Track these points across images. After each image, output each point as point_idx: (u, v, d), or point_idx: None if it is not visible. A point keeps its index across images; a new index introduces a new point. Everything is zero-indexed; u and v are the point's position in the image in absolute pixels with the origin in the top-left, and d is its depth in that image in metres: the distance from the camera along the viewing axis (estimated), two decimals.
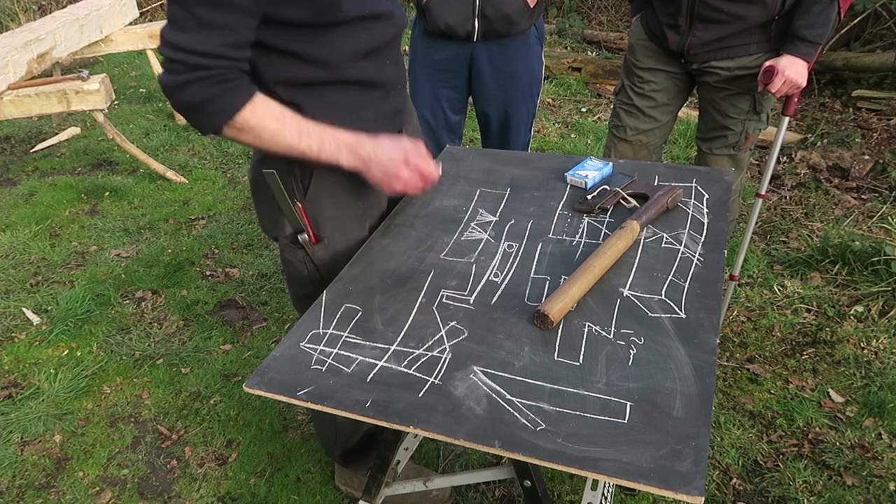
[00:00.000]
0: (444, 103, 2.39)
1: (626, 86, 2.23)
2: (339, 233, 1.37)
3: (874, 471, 1.86)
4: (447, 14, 2.15)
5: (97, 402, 2.20)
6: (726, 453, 1.95)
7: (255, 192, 1.39)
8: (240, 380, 2.26)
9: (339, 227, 1.37)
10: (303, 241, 1.35)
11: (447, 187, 1.64)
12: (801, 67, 1.87)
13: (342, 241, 1.38)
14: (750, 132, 2.11)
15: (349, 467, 1.81)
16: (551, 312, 1.13)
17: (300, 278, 1.40)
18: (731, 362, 2.28)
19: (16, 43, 3.37)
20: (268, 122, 1.17)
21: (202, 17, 1.06)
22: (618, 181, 1.58)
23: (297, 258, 1.38)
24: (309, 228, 1.34)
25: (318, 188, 1.31)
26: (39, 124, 4.48)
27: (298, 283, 1.42)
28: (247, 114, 1.14)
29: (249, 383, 1.07)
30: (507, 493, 1.84)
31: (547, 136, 4.05)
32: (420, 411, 1.00)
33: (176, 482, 1.92)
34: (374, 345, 1.13)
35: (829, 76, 4.46)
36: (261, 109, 1.15)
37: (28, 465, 1.97)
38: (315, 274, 1.39)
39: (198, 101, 1.12)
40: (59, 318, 2.53)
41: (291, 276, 1.43)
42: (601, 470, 0.89)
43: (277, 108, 1.18)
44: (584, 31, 5.76)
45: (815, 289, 2.60)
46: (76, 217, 3.32)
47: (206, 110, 1.12)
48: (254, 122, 1.15)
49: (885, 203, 3.11)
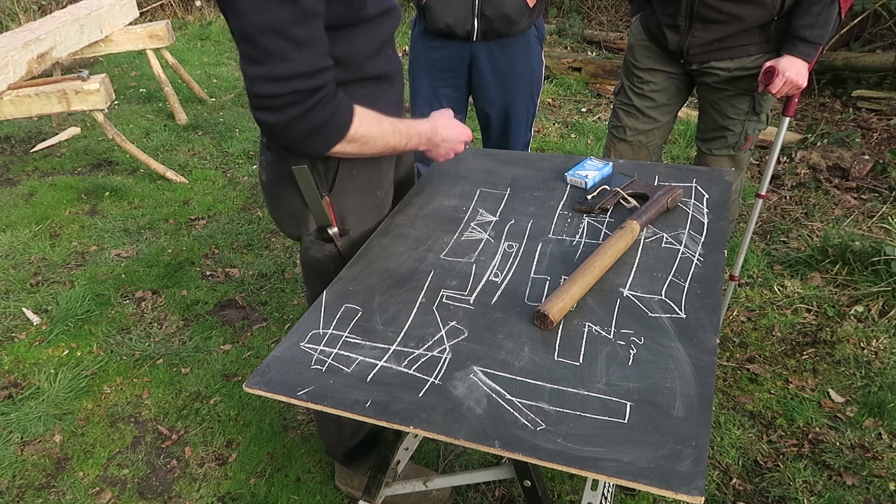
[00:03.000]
0: (444, 103, 2.39)
1: (626, 86, 2.23)
2: (361, 223, 1.40)
3: (874, 471, 1.86)
4: (447, 13, 2.15)
5: (97, 402, 2.20)
6: (726, 453, 1.95)
7: (273, 192, 1.38)
8: (240, 380, 2.26)
9: (362, 219, 1.40)
10: (333, 235, 1.36)
11: (447, 187, 1.64)
12: (802, 68, 1.87)
13: (363, 232, 1.42)
14: (750, 132, 2.11)
15: (350, 467, 1.81)
16: (551, 312, 1.13)
17: (325, 273, 1.39)
18: (731, 362, 2.28)
19: (16, 43, 3.37)
20: (372, 127, 1.20)
21: (299, 37, 1.05)
22: (618, 181, 1.58)
23: (325, 253, 1.39)
24: (335, 222, 1.35)
25: (342, 181, 1.33)
26: (39, 124, 4.48)
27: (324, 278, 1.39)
28: (356, 124, 1.17)
29: (249, 383, 1.07)
30: (507, 493, 1.84)
31: (547, 136, 4.05)
32: (420, 411, 1.00)
33: (176, 482, 1.92)
34: (374, 345, 1.13)
35: (829, 76, 4.46)
36: (363, 117, 1.19)
37: (28, 465, 1.97)
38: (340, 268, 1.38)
39: (316, 126, 1.11)
40: (59, 318, 2.53)
41: (316, 272, 1.43)
42: (601, 470, 0.89)
43: (371, 112, 1.21)
44: (584, 31, 5.76)
45: (815, 289, 2.60)
46: (76, 217, 3.32)
47: (324, 132, 1.13)
48: (362, 131, 1.18)
49: (885, 203, 3.11)
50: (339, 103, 1.14)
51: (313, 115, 1.10)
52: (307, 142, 1.14)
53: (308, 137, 1.13)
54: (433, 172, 1.73)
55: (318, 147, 1.16)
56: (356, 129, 1.17)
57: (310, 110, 1.09)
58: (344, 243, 1.39)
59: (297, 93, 1.07)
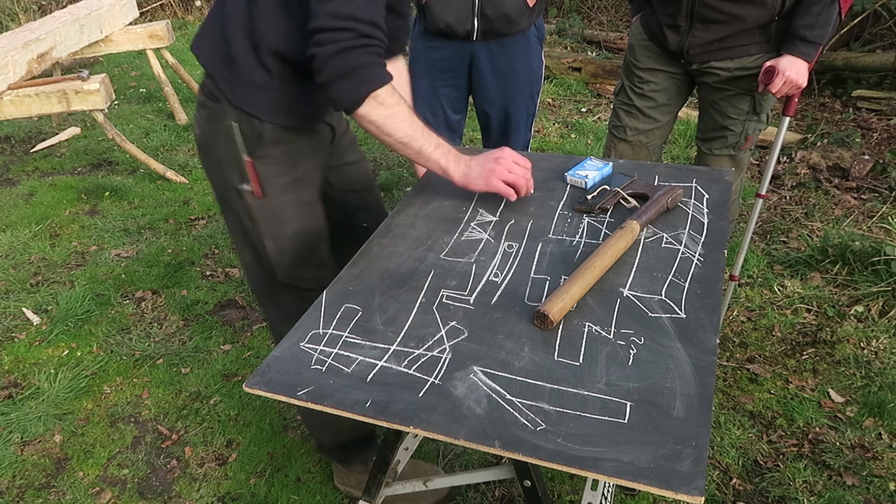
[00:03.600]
0: (444, 102, 2.39)
1: (626, 86, 2.23)
2: (279, 191, 1.49)
3: (874, 471, 1.86)
4: (447, 13, 2.15)
5: (97, 402, 2.20)
6: (726, 453, 1.95)
7: (204, 145, 1.52)
8: (240, 380, 2.26)
9: (280, 187, 1.49)
10: (243, 191, 1.48)
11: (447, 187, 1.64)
12: (802, 68, 1.87)
13: (282, 202, 1.51)
14: (750, 132, 2.11)
15: (344, 464, 1.83)
16: (551, 312, 1.13)
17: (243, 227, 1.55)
18: (731, 362, 2.28)
19: (16, 43, 3.38)
20: (402, 105, 1.29)
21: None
22: (618, 181, 1.58)
23: (238, 207, 1.52)
24: (255, 182, 1.46)
25: (264, 147, 1.44)
26: (39, 124, 4.48)
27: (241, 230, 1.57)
28: (389, 90, 1.26)
29: (249, 383, 1.07)
30: (507, 493, 1.84)
31: (547, 136, 4.05)
32: (420, 411, 1.00)
33: (176, 482, 1.92)
34: (374, 345, 1.13)
35: (829, 76, 4.46)
36: (398, 94, 1.28)
37: (28, 465, 1.97)
38: (256, 226, 1.52)
39: (357, 65, 1.21)
40: (59, 318, 2.53)
41: (232, 224, 1.58)
42: (601, 470, 0.89)
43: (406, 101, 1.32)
44: (584, 31, 5.75)
45: (815, 289, 2.60)
46: (76, 217, 3.32)
47: (361, 76, 1.23)
48: (391, 101, 1.27)
49: (885, 203, 3.11)
50: (381, 64, 1.25)
51: (355, 56, 1.21)
52: (342, 81, 1.23)
53: (344, 77, 1.22)
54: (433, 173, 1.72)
55: (351, 91, 1.24)
56: (389, 94, 1.26)
57: (353, 49, 1.20)
58: (258, 204, 1.49)
59: (349, 31, 1.19)
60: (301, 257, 1.59)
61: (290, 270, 1.59)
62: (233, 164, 1.46)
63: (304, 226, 1.57)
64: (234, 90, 1.40)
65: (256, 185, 1.46)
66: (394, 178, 3.51)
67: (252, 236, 1.55)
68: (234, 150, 1.43)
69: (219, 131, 1.44)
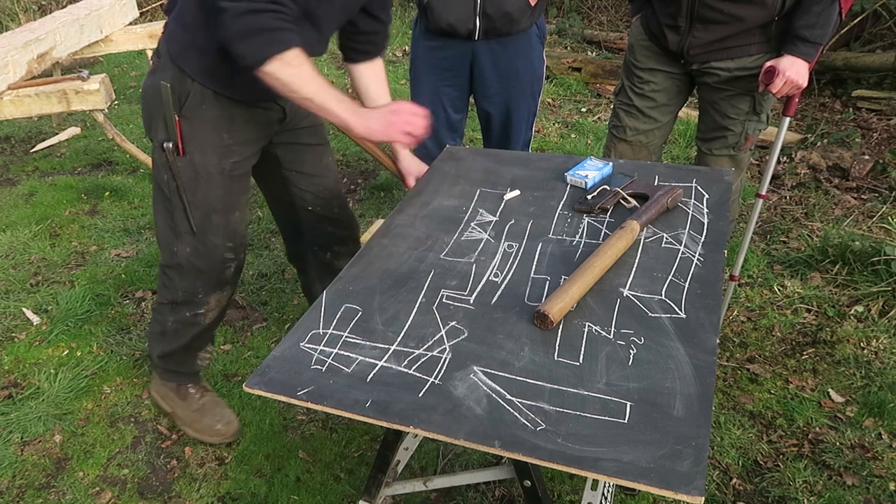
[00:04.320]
0: (446, 102, 2.39)
1: (626, 86, 2.23)
2: (200, 153, 1.59)
3: (874, 471, 1.86)
4: (448, 12, 2.16)
5: (97, 402, 2.20)
6: (726, 453, 1.95)
7: (144, 98, 1.64)
8: (240, 380, 2.26)
9: (202, 150, 1.59)
10: (166, 149, 1.57)
11: (447, 187, 1.64)
12: (802, 68, 1.87)
13: (203, 163, 1.61)
14: (750, 133, 2.11)
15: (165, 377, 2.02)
16: (551, 312, 1.13)
17: (160, 181, 1.66)
18: (731, 362, 2.28)
19: (16, 43, 3.37)
20: (307, 66, 1.37)
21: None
22: (618, 181, 1.58)
23: (161, 161, 1.62)
24: (180, 141, 1.56)
25: (192, 109, 1.55)
26: (39, 124, 4.47)
27: (158, 185, 1.67)
28: (297, 52, 1.34)
29: (249, 383, 1.07)
30: (507, 493, 1.84)
31: (547, 136, 4.05)
32: (420, 411, 1.00)
33: (176, 482, 1.92)
34: (374, 345, 1.13)
35: (829, 76, 4.45)
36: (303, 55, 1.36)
37: (28, 465, 1.97)
38: (172, 182, 1.62)
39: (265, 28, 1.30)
40: (59, 318, 2.53)
41: (154, 177, 1.68)
42: (601, 470, 0.89)
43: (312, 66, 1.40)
44: (584, 31, 5.75)
45: (815, 289, 2.60)
46: (76, 217, 3.32)
47: (270, 36, 1.31)
48: (297, 62, 1.35)
49: (885, 203, 3.11)
50: (290, 27, 1.33)
51: (263, 19, 1.29)
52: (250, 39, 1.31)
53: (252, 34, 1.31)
54: (433, 172, 1.73)
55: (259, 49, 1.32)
56: (295, 54, 1.34)
57: (262, 12, 1.29)
58: (181, 162, 1.59)
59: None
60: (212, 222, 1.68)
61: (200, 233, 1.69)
62: (161, 120, 1.56)
63: (223, 193, 1.66)
64: (179, 50, 1.51)
65: (180, 143, 1.56)
66: (394, 178, 3.50)
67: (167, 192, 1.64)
68: (166, 106, 1.53)
69: (155, 86, 1.55)
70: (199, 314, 1.86)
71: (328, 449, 1.99)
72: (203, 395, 2.04)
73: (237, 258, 1.82)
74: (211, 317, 1.89)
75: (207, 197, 1.65)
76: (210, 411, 2.01)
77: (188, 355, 1.98)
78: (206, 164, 1.61)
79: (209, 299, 1.84)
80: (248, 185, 1.75)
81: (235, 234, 1.76)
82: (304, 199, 1.89)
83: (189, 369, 2.02)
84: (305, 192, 1.88)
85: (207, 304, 1.85)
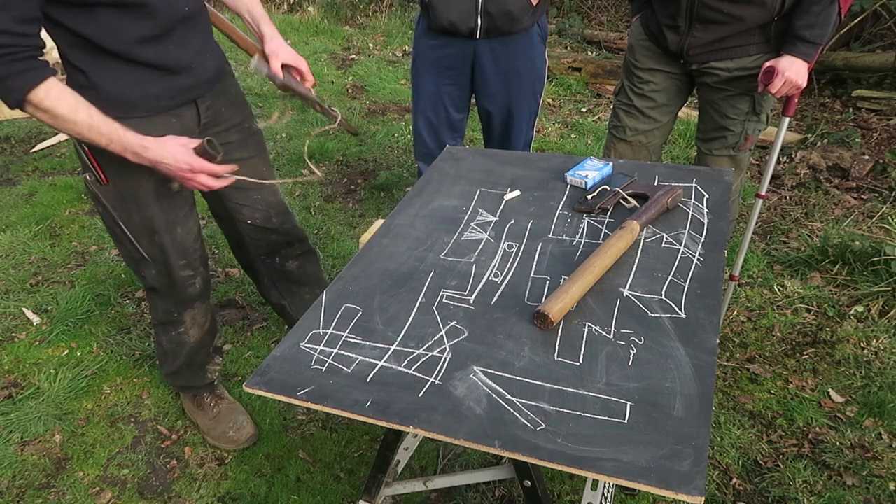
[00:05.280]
0: (447, 101, 2.39)
1: (626, 86, 2.23)
2: (121, 179, 1.54)
3: (874, 471, 1.87)
4: (450, 11, 2.16)
5: (97, 402, 2.20)
6: (726, 453, 1.95)
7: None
8: (240, 380, 2.26)
9: (121, 174, 1.53)
10: (89, 181, 1.55)
11: (447, 187, 1.64)
12: (802, 68, 1.87)
13: (127, 188, 1.56)
14: (749, 133, 2.11)
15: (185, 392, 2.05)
16: (551, 312, 1.13)
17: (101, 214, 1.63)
18: (731, 362, 2.28)
19: None
20: (60, 107, 1.30)
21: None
22: (618, 181, 1.58)
23: (91, 194, 1.59)
24: (99, 170, 1.52)
25: None
26: (39, 124, 4.47)
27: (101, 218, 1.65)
28: (41, 94, 1.27)
29: (249, 383, 1.07)
30: (507, 493, 1.84)
31: (547, 136, 4.05)
32: (420, 411, 1.00)
33: (176, 482, 1.92)
34: (374, 345, 1.13)
35: (829, 76, 4.46)
36: (54, 94, 1.29)
37: (28, 465, 1.97)
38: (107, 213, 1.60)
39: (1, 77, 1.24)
40: (59, 318, 2.53)
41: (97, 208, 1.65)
42: (601, 470, 0.89)
43: (72, 98, 1.32)
44: (584, 31, 5.76)
45: (815, 289, 2.60)
46: (76, 217, 3.31)
47: (5, 85, 1.25)
48: (47, 105, 1.29)
49: (885, 203, 3.11)
50: (27, 68, 1.26)
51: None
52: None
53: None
54: (433, 172, 1.73)
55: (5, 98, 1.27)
56: (40, 98, 1.27)
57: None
58: (106, 191, 1.56)
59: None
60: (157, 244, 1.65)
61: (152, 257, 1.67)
62: (79, 153, 1.53)
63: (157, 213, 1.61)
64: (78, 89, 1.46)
65: (100, 173, 1.53)
66: (394, 178, 3.51)
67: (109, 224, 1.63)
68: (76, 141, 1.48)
69: None
70: (181, 332, 1.87)
71: (328, 449, 1.99)
72: (218, 403, 2.04)
73: (197, 273, 1.78)
74: (194, 335, 1.89)
75: (143, 220, 1.61)
76: (225, 418, 2.01)
77: (193, 371, 1.99)
78: (130, 187, 1.55)
79: (184, 318, 1.84)
80: (184, 200, 1.67)
81: (185, 250, 1.71)
82: (241, 213, 1.83)
83: (200, 382, 2.03)
84: (243, 206, 1.82)
85: (184, 323, 1.86)
